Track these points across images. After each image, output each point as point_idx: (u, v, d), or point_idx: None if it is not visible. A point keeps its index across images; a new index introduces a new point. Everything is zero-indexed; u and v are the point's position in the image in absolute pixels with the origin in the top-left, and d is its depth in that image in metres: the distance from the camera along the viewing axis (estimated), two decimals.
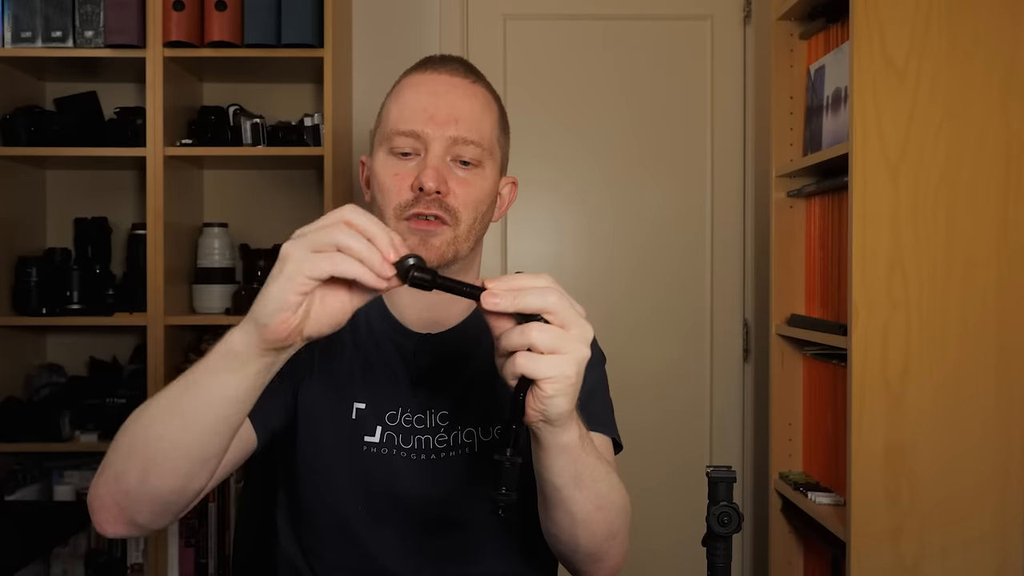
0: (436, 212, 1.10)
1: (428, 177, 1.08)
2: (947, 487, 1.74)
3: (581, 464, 0.94)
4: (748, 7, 2.72)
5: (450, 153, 1.12)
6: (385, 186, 1.12)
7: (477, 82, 1.18)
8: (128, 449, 0.94)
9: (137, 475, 0.92)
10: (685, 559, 2.64)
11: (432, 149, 1.11)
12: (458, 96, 1.14)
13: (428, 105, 1.12)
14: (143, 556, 2.44)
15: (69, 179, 2.68)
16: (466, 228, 1.13)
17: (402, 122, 1.12)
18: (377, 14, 2.69)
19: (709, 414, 2.75)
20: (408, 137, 1.11)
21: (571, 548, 1.04)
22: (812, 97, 2.12)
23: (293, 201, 2.68)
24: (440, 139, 1.11)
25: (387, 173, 1.12)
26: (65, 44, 2.36)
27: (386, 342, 1.19)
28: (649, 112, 2.74)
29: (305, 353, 1.16)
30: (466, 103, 1.14)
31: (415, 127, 1.11)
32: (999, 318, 1.74)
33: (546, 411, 0.85)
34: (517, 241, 2.73)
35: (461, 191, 1.12)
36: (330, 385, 1.17)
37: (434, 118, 1.11)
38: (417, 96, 1.13)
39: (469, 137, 1.12)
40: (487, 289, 0.83)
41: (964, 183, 1.74)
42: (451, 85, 1.14)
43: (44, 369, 2.59)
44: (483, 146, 1.14)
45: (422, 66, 1.18)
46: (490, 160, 1.16)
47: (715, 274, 2.75)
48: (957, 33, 1.73)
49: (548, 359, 0.82)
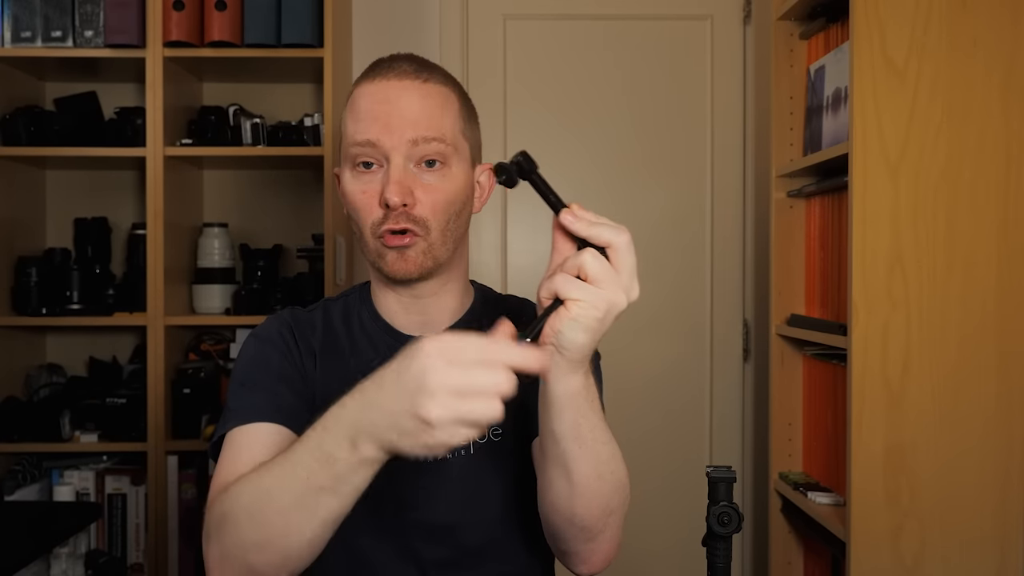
0: (404, 226, 1.09)
1: (392, 192, 1.07)
2: (947, 487, 1.74)
3: (583, 417, 0.93)
4: (748, 7, 2.73)
5: (412, 157, 1.10)
6: (355, 205, 1.11)
7: (429, 79, 1.13)
8: (261, 543, 0.91)
9: (275, 567, 0.93)
10: (685, 559, 2.64)
11: (393, 160, 1.09)
12: (411, 99, 1.11)
13: (381, 113, 1.10)
14: (143, 556, 2.44)
15: (69, 179, 2.68)
16: (439, 234, 1.11)
17: (358, 133, 1.10)
18: (377, 14, 2.69)
19: (709, 414, 2.76)
20: (366, 147, 1.09)
21: (567, 519, 1.01)
22: (812, 97, 2.12)
23: (293, 201, 2.68)
24: (399, 146, 1.09)
25: (355, 191, 1.11)
26: (65, 44, 2.36)
27: (380, 346, 1.19)
28: (649, 112, 2.74)
29: (312, 368, 1.16)
30: (420, 104, 1.11)
31: (370, 136, 1.09)
32: (999, 318, 1.74)
33: (561, 334, 0.84)
34: (517, 241, 2.73)
35: (428, 198, 1.10)
36: (333, 395, 1.16)
37: (388, 126, 1.09)
38: (370, 105, 1.11)
39: (429, 135, 1.09)
40: (569, 207, 0.85)
41: (964, 183, 1.74)
42: (401, 89, 1.11)
43: (44, 369, 2.59)
44: (446, 141, 1.11)
45: (371, 73, 1.15)
46: (456, 155, 1.13)
47: (715, 274, 2.75)
48: (957, 33, 1.73)
49: (585, 285, 0.83)
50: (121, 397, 2.41)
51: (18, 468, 2.41)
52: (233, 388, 1.14)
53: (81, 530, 2.14)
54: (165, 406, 2.39)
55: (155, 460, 2.37)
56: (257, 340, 1.17)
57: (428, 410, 0.75)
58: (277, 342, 1.16)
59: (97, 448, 2.42)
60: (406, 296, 1.18)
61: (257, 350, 1.16)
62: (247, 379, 1.14)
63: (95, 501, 2.43)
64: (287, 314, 1.22)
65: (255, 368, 1.14)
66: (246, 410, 1.09)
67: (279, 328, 1.18)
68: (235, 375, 1.16)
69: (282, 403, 1.10)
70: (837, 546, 1.85)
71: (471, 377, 0.75)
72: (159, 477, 2.37)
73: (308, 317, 1.22)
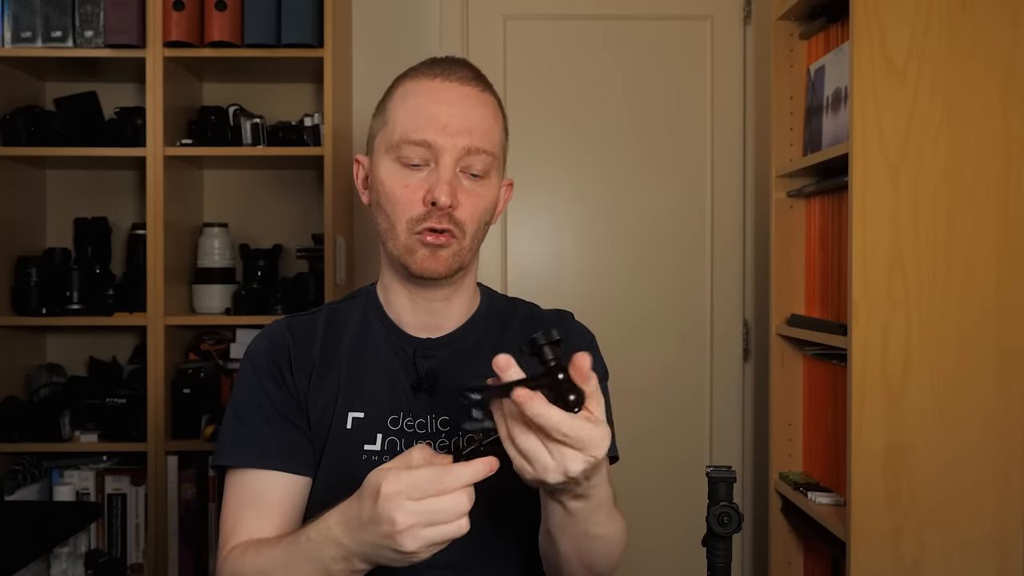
0: (447, 227, 1.10)
1: (442, 192, 1.08)
2: (947, 487, 1.74)
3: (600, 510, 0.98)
4: (748, 7, 2.73)
5: (460, 164, 1.11)
6: (395, 197, 1.11)
7: (487, 90, 1.17)
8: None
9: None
10: (685, 559, 2.64)
11: (443, 161, 1.10)
12: (471, 105, 1.12)
13: (440, 114, 1.10)
14: (143, 556, 2.44)
15: (69, 179, 2.68)
16: (471, 239, 1.14)
17: (412, 131, 1.10)
18: (377, 14, 2.69)
19: (709, 414, 2.76)
20: (419, 147, 1.10)
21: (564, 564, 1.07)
22: (812, 97, 2.12)
23: (293, 201, 2.68)
24: (452, 150, 1.09)
25: (396, 184, 1.11)
26: (65, 44, 2.36)
27: (384, 347, 1.19)
28: (649, 112, 2.74)
29: (306, 382, 1.17)
30: (478, 112, 1.12)
31: (427, 137, 1.09)
32: (999, 318, 1.74)
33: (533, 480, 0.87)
34: (517, 241, 2.73)
35: (469, 203, 1.12)
36: (322, 406, 1.17)
37: (447, 128, 1.09)
38: (428, 104, 1.11)
39: (482, 147, 1.11)
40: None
41: (964, 183, 1.74)
42: (463, 94, 1.13)
43: (44, 369, 2.59)
44: (494, 155, 1.13)
45: (429, 71, 1.15)
46: (496, 168, 1.15)
47: (715, 274, 2.75)
48: (957, 34, 1.73)
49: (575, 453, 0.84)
50: (121, 397, 2.41)
51: (18, 468, 2.41)
52: (230, 418, 1.16)
53: (81, 530, 2.14)
54: (165, 406, 2.39)
55: (155, 460, 2.37)
56: (252, 366, 1.18)
57: (404, 545, 0.84)
58: (269, 370, 1.16)
59: (97, 448, 2.42)
60: (419, 296, 1.18)
61: (251, 382, 1.17)
62: (244, 412, 1.15)
63: (95, 501, 2.43)
64: (282, 327, 1.21)
65: (251, 402, 1.15)
66: (245, 450, 1.13)
67: (271, 351, 1.18)
68: (231, 404, 1.17)
69: (280, 445, 1.13)
70: (837, 546, 1.85)
71: (434, 506, 0.83)
72: (159, 477, 2.37)
73: (308, 321, 1.22)
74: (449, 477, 0.83)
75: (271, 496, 1.12)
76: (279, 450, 1.13)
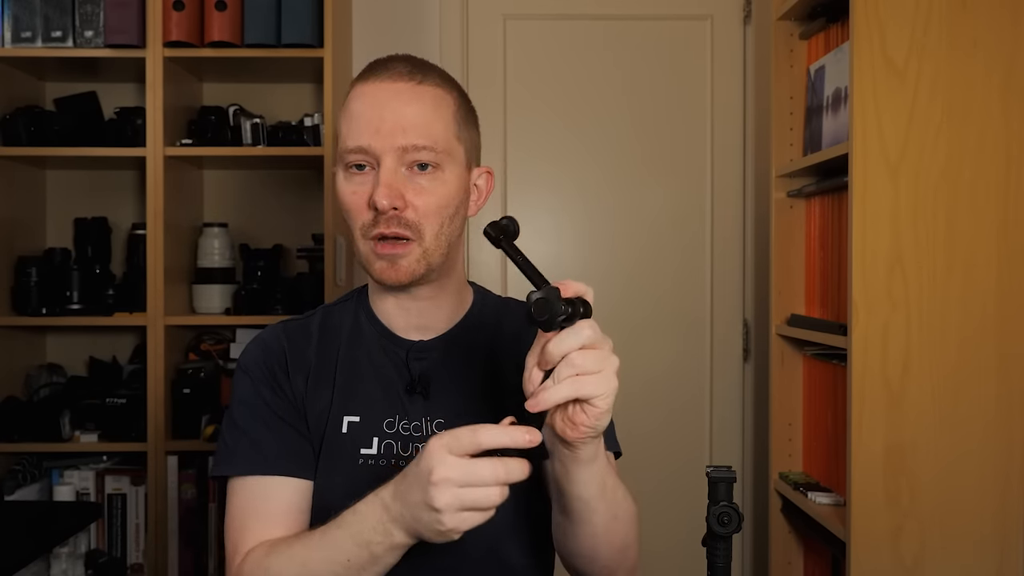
0: (396, 231, 1.07)
1: (380, 195, 1.06)
2: (947, 488, 1.74)
3: (606, 473, 0.99)
4: (748, 7, 2.73)
5: (404, 161, 1.08)
6: (346, 205, 1.11)
7: (424, 81, 1.11)
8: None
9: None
10: (685, 559, 2.64)
11: (383, 163, 1.07)
12: (403, 102, 1.09)
13: (373, 117, 1.08)
14: (143, 556, 2.44)
15: (69, 179, 2.68)
16: (432, 239, 1.10)
17: (350, 138, 1.09)
18: (377, 14, 2.69)
19: (709, 414, 2.76)
20: (359, 153, 1.08)
21: (589, 560, 1.08)
22: (812, 97, 2.12)
23: (293, 201, 2.68)
24: (390, 151, 1.07)
25: (346, 191, 1.10)
26: (65, 44, 2.36)
27: (376, 350, 1.18)
28: (649, 112, 2.74)
29: (303, 386, 1.16)
30: (411, 108, 1.09)
31: (362, 143, 1.08)
32: (999, 318, 1.74)
33: (598, 426, 0.91)
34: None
35: (420, 201, 1.09)
36: (319, 409, 1.16)
37: (379, 130, 1.07)
38: (362, 109, 1.09)
39: (419, 143, 1.08)
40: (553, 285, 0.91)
41: (964, 183, 1.74)
42: (394, 92, 1.09)
43: (44, 369, 2.59)
44: (437, 149, 1.09)
45: (366, 74, 1.13)
46: (450, 160, 1.11)
47: (715, 274, 2.75)
48: (957, 33, 1.73)
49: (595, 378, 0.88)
50: (121, 397, 2.41)
51: (18, 468, 2.41)
52: (227, 428, 1.16)
53: (81, 530, 2.14)
54: (165, 406, 2.39)
55: (155, 460, 2.37)
56: (246, 374, 1.17)
57: (435, 499, 0.86)
58: (264, 376, 1.16)
59: (97, 448, 2.42)
60: (403, 299, 1.17)
61: (247, 390, 1.16)
62: (241, 421, 1.15)
63: (95, 501, 2.43)
64: (277, 332, 1.20)
65: (247, 410, 1.15)
66: (245, 458, 1.13)
67: (264, 358, 1.17)
68: (228, 415, 1.17)
69: (280, 450, 1.13)
70: (837, 546, 1.85)
71: (471, 467, 0.86)
72: (159, 477, 2.37)
73: (303, 324, 1.21)
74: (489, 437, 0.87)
75: (276, 501, 1.11)
76: (280, 455, 1.12)
